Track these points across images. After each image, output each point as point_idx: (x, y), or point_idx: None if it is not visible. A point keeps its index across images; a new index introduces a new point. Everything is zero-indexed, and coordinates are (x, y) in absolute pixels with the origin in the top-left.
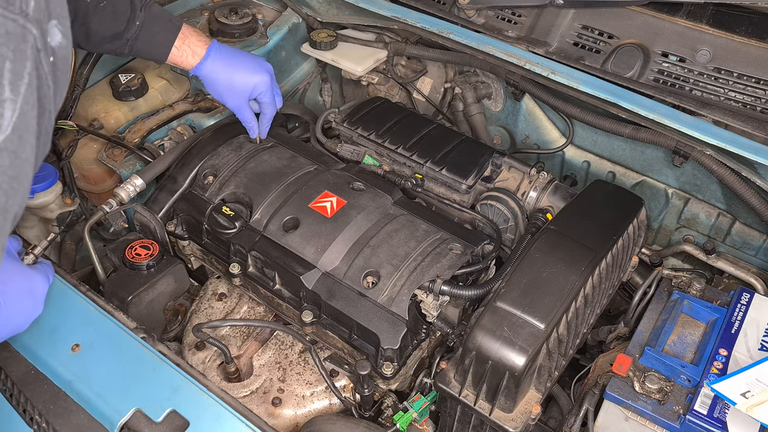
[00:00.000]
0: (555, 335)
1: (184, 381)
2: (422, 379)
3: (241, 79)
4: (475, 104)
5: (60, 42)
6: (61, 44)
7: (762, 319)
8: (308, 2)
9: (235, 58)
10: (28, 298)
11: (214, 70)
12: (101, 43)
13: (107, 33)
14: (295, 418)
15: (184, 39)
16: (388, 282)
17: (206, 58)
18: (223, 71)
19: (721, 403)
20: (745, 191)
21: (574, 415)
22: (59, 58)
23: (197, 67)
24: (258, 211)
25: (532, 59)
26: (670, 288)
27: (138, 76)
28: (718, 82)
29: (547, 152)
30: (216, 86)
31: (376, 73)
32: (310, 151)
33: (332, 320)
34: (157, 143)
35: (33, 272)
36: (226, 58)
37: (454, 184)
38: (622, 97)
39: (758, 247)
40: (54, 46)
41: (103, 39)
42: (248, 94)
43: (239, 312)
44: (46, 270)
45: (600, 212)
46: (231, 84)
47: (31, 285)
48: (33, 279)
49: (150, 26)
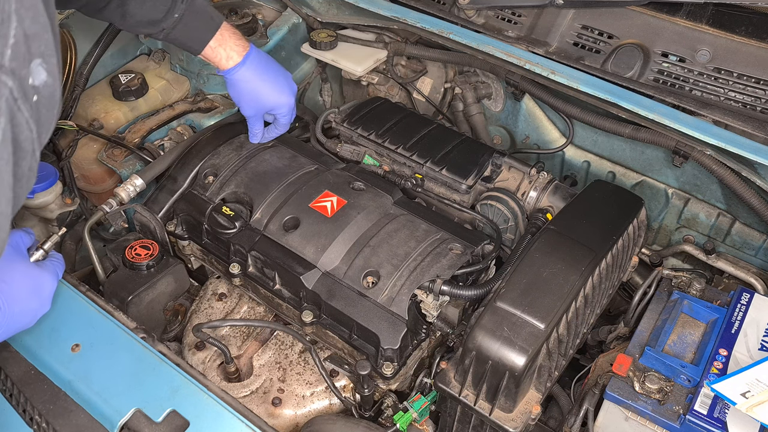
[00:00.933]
0: (555, 335)
1: (184, 381)
2: (422, 379)
3: (267, 96)
4: (475, 104)
5: (45, 80)
6: (47, 82)
7: (762, 319)
8: (308, 2)
9: (268, 71)
10: (34, 298)
11: (245, 78)
12: (136, 26)
13: (144, 18)
14: (295, 418)
15: (222, 41)
16: (388, 282)
17: (240, 65)
18: (252, 82)
19: (721, 403)
20: (745, 191)
21: (574, 415)
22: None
23: (228, 71)
24: (258, 210)
25: (532, 59)
26: (670, 288)
27: (138, 76)
28: (718, 82)
29: (547, 152)
30: (240, 94)
31: (376, 73)
32: (310, 151)
33: (332, 320)
34: (157, 143)
35: (40, 270)
36: (259, 70)
37: (454, 184)
38: (622, 97)
39: (758, 247)
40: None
41: (140, 23)
42: (268, 109)
43: (239, 312)
44: (54, 266)
45: (600, 212)
46: (256, 97)
47: (36, 283)
48: (39, 277)
49: (188, 20)
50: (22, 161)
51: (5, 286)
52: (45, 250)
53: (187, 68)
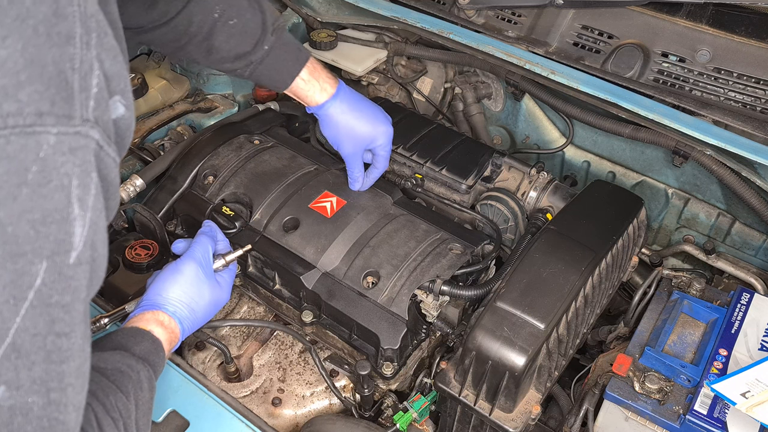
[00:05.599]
0: (555, 335)
1: (184, 381)
2: (422, 379)
3: (365, 126)
4: (475, 104)
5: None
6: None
7: (762, 319)
8: (308, 2)
9: (361, 103)
10: (213, 310)
11: (341, 110)
12: (221, 62)
13: (231, 52)
14: (295, 418)
15: (314, 72)
16: (388, 282)
17: (335, 97)
18: (348, 113)
19: (721, 403)
20: (745, 191)
21: (574, 415)
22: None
23: (322, 105)
24: (258, 211)
25: (532, 59)
26: (670, 288)
27: (138, 76)
28: (718, 82)
29: (547, 152)
30: (336, 128)
31: (376, 73)
32: (310, 151)
33: (332, 320)
34: (157, 143)
35: (220, 289)
36: (353, 101)
37: (454, 184)
38: (622, 97)
39: (758, 247)
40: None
41: (225, 58)
42: (367, 143)
43: (239, 312)
44: (231, 276)
45: (600, 212)
46: (353, 129)
47: (216, 301)
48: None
49: (278, 52)
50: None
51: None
52: (227, 261)
53: (187, 68)
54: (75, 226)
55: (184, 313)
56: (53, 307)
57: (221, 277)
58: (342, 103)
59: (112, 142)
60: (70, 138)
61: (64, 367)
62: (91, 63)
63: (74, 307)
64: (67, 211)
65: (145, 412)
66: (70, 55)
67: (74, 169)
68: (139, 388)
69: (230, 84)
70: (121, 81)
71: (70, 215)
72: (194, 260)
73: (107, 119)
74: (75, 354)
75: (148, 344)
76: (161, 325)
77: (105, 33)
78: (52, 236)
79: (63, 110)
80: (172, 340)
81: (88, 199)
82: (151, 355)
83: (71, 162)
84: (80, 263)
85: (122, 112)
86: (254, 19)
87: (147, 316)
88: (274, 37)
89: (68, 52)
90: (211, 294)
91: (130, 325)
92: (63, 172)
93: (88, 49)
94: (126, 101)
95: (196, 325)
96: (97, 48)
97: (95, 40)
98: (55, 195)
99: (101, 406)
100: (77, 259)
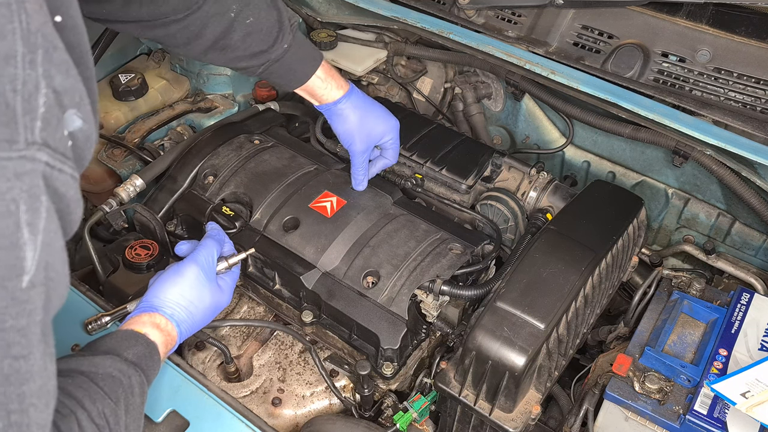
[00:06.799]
0: (555, 335)
1: (184, 381)
2: (422, 379)
3: (377, 122)
4: (475, 104)
5: (80, 126)
6: (82, 128)
7: (762, 319)
8: (308, 2)
9: (370, 100)
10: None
11: (355, 105)
12: (237, 60)
13: (248, 50)
14: (295, 418)
15: (330, 70)
16: (388, 282)
17: (350, 93)
18: (362, 109)
19: (721, 403)
20: (745, 191)
21: (574, 415)
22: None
23: (338, 100)
24: (258, 211)
25: (532, 59)
26: (670, 288)
27: (138, 76)
28: (718, 82)
29: (547, 152)
30: (352, 125)
31: (376, 73)
32: (310, 151)
33: (332, 320)
34: (157, 143)
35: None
36: (364, 99)
37: (454, 184)
38: (622, 97)
39: (758, 247)
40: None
41: (241, 57)
42: (379, 138)
43: (239, 312)
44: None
45: (600, 212)
46: (367, 126)
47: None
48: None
49: (296, 50)
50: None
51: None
52: (230, 264)
53: (187, 68)
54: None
55: (182, 316)
56: (8, 332)
57: (223, 281)
58: (357, 98)
59: (67, 159)
60: (14, 163)
61: (24, 389)
62: (36, 82)
63: (30, 330)
64: (16, 236)
65: (135, 418)
66: (11, 77)
67: (21, 195)
68: (130, 394)
69: (230, 84)
70: (76, 95)
71: (19, 240)
72: (197, 264)
73: (59, 137)
74: (35, 375)
75: (142, 348)
76: (157, 328)
77: (54, 47)
78: (2, 262)
79: (4, 135)
80: (168, 342)
81: (39, 223)
82: (144, 359)
83: (17, 187)
84: (34, 286)
85: (79, 125)
86: (270, 18)
87: (144, 319)
88: (291, 36)
89: (8, 73)
90: (211, 298)
91: (126, 327)
92: (9, 198)
93: (32, 68)
94: (83, 114)
95: (195, 328)
96: (44, 65)
97: (41, 56)
98: (2, 222)
99: (86, 413)
100: (30, 283)
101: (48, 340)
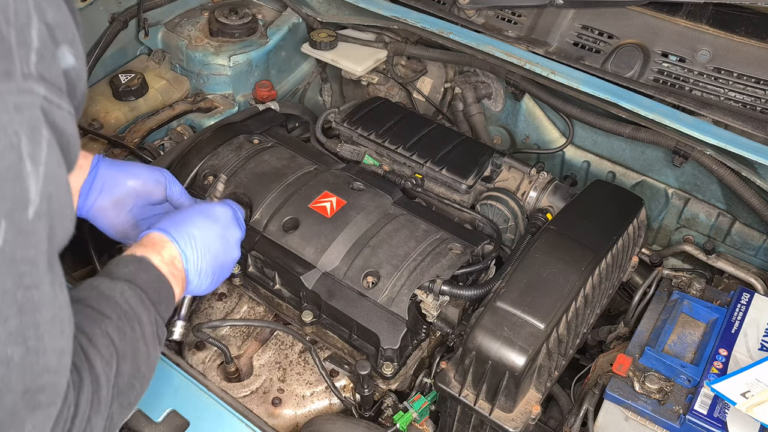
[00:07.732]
0: (555, 335)
1: (184, 381)
2: (422, 379)
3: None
4: (475, 104)
5: (73, 64)
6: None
7: (762, 319)
8: (308, 2)
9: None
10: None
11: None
12: None
13: None
14: (295, 418)
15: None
16: (388, 282)
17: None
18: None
19: (721, 403)
20: (745, 191)
21: (574, 415)
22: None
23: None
24: (258, 211)
25: (532, 59)
26: (670, 288)
27: (138, 76)
28: (718, 82)
29: (547, 152)
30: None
31: (376, 73)
32: (310, 151)
33: (332, 320)
34: (157, 143)
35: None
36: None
37: (454, 184)
38: (622, 97)
39: (758, 247)
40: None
41: None
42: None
43: (239, 312)
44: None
45: (600, 212)
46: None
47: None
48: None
49: None
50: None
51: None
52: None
53: (187, 68)
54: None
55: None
56: (19, 263)
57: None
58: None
59: (64, 95)
60: (14, 96)
61: (37, 317)
62: (28, 13)
63: (39, 260)
64: (19, 167)
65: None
66: (2, 7)
67: (22, 128)
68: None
69: (230, 84)
70: (68, 30)
71: (23, 171)
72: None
73: (55, 72)
74: (47, 303)
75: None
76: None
77: None
78: (8, 195)
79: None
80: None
81: (40, 155)
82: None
83: (17, 120)
84: (39, 216)
85: (71, 62)
86: None
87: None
88: None
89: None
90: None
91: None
92: (11, 132)
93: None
94: (75, 50)
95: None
96: None
97: None
98: (6, 155)
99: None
100: (35, 214)
101: (55, 269)
